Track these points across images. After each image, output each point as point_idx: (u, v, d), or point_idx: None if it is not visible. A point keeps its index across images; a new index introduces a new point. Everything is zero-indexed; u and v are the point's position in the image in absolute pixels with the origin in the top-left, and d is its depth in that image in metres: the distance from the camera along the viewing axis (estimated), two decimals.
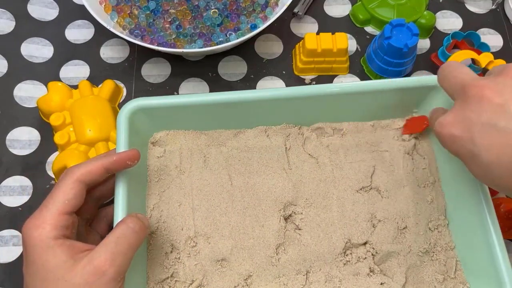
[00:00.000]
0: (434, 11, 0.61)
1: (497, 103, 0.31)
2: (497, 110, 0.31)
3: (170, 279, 0.43)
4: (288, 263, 0.43)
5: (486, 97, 0.32)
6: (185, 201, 0.45)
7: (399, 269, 0.43)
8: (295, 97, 0.45)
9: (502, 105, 0.31)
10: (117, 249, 0.34)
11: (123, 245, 0.34)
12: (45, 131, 0.54)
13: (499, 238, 0.40)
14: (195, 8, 0.57)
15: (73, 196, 0.36)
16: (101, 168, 0.37)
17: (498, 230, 0.40)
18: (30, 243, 0.34)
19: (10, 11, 0.60)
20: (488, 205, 0.40)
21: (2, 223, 0.50)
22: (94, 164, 0.37)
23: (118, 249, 0.34)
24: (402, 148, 0.48)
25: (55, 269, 0.33)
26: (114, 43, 0.59)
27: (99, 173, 0.37)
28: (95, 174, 0.37)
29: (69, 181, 0.36)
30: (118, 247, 0.34)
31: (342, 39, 0.54)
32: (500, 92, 0.32)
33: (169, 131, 0.47)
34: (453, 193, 0.45)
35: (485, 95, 0.32)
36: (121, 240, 0.34)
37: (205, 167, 0.46)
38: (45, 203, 0.35)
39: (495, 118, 0.31)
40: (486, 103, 0.32)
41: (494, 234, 0.40)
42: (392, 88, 0.46)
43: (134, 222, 0.36)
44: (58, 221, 0.34)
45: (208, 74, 0.57)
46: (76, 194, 0.36)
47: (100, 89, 0.54)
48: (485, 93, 0.32)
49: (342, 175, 0.46)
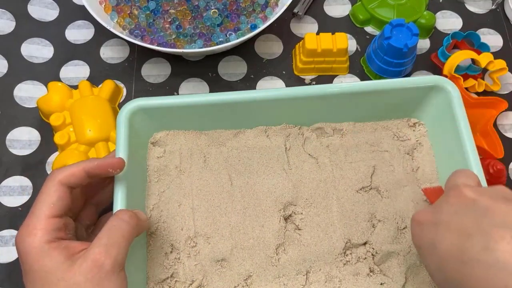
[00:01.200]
0: (434, 11, 0.61)
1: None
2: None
3: (170, 279, 0.43)
4: (288, 263, 0.43)
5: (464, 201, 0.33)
6: (185, 201, 0.45)
7: (399, 269, 0.43)
8: (295, 97, 0.45)
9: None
10: (110, 241, 0.34)
11: (115, 236, 0.34)
12: (45, 131, 0.54)
13: None
14: (195, 8, 0.57)
15: (57, 198, 0.36)
16: (82, 171, 0.37)
17: None
18: (24, 251, 0.34)
19: (10, 12, 0.60)
20: None
21: (2, 223, 0.50)
22: (76, 167, 0.37)
23: (111, 240, 0.34)
24: (402, 148, 0.48)
25: (54, 271, 0.33)
26: (114, 43, 0.59)
27: (81, 176, 0.37)
28: (77, 177, 0.37)
29: (51, 185, 0.36)
30: (110, 238, 0.34)
31: (342, 39, 0.54)
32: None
33: (169, 131, 0.47)
34: None
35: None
36: (113, 231, 0.35)
37: (205, 167, 0.46)
38: (32, 210, 0.35)
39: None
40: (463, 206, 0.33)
41: None
42: (392, 88, 0.46)
43: (124, 213, 0.36)
44: (48, 225, 0.34)
45: (208, 74, 0.57)
46: (60, 197, 0.36)
47: (100, 89, 0.54)
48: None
49: (342, 175, 0.46)
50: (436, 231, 0.33)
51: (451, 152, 0.44)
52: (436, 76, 0.46)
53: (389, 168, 0.47)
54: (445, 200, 0.34)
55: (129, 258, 0.36)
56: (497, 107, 0.52)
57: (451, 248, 0.31)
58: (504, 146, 0.51)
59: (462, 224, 0.31)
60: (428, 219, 0.35)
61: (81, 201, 0.41)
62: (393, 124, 0.49)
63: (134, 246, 0.38)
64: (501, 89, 0.56)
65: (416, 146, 0.48)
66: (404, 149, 0.48)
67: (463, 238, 0.31)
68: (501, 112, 0.53)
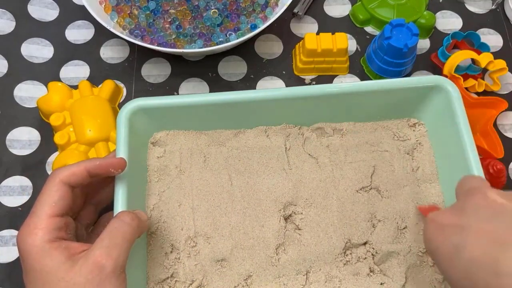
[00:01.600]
0: (434, 11, 0.61)
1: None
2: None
3: (170, 279, 0.43)
4: (288, 263, 0.43)
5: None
6: (185, 201, 0.45)
7: (399, 269, 0.43)
8: (295, 97, 0.45)
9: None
10: (111, 242, 0.34)
11: (116, 238, 0.35)
12: (45, 131, 0.54)
13: None
14: (195, 8, 0.57)
15: (58, 198, 0.36)
16: (83, 170, 0.37)
17: None
18: (25, 251, 0.34)
19: (10, 12, 0.60)
20: None
21: (2, 223, 0.50)
22: (77, 166, 0.37)
23: (112, 242, 0.34)
24: (402, 148, 0.48)
25: (54, 271, 0.33)
26: (114, 43, 0.59)
27: (82, 175, 0.37)
28: (78, 176, 0.37)
29: (52, 184, 0.36)
30: (112, 240, 0.34)
31: (342, 39, 0.54)
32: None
33: (169, 131, 0.47)
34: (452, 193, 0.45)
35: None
36: (114, 233, 0.35)
37: (205, 167, 0.46)
38: (33, 209, 0.36)
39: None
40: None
41: None
42: (392, 88, 0.46)
43: (125, 215, 0.36)
44: (49, 225, 0.34)
45: (208, 74, 0.57)
46: (62, 196, 0.36)
47: (100, 89, 0.54)
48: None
49: (342, 175, 0.46)
50: (463, 235, 0.31)
51: (451, 152, 0.44)
52: (436, 76, 0.46)
53: (389, 168, 0.47)
54: (470, 202, 0.32)
55: (129, 258, 0.36)
56: (497, 107, 0.52)
57: (483, 257, 0.29)
58: (504, 146, 0.51)
59: (495, 231, 0.30)
60: (453, 221, 0.33)
61: (81, 201, 0.41)
62: (393, 124, 0.49)
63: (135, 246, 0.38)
64: (501, 89, 0.56)
65: (416, 146, 0.48)
66: (404, 149, 0.48)
67: (497, 247, 0.29)
68: (501, 112, 0.53)
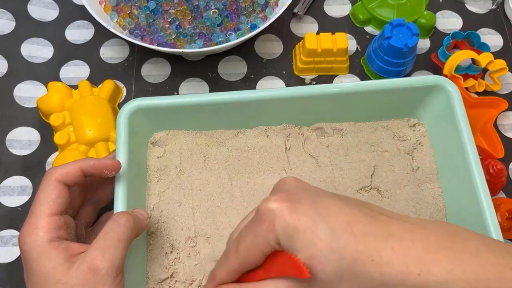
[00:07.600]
0: (434, 11, 0.61)
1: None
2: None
3: (170, 279, 0.43)
4: None
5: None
6: (185, 201, 0.45)
7: None
8: (295, 97, 0.45)
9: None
10: (106, 244, 0.34)
11: (111, 239, 0.35)
12: (45, 131, 0.54)
13: (499, 238, 0.40)
14: (195, 8, 0.57)
15: (56, 196, 0.36)
16: (78, 170, 0.37)
17: (498, 230, 0.40)
18: (26, 251, 0.34)
19: (10, 11, 0.60)
20: (488, 205, 0.40)
21: (2, 223, 0.50)
22: (71, 166, 0.37)
23: (107, 243, 0.34)
24: (402, 148, 0.48)
25: (52, 272, 0.33)
26: (114, 43, 0.59)
27: (76, 174, 0.37)
28: (72, 175, 0.37)
29: (48, 183, 0.36)
30: (106, 241, 0.34)
31: (342, 39, 0.54)
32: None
33: (169, 131, 0.47)
34: (452, 193, 0.45)
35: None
36: (109, 234, 0.35)
37: (205, 167, 0.46)
38: (32, 209, 0.36)
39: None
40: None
41: (494, 235, 0.40)
42: (392, 88, 0.46)
43: (121, 216, 0.36)
44: (49, 223, 0.35)
45: (208, 74, 0.57)
46: (59, 194, 0.36)
47: (100, 89, 0.54)
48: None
49: (342, 175, 0.46)
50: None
51: (451, 152, 0.44)
52: (436, 76, 0.46)
53: (389, 168, 0.47)
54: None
55: (129, 258, 0.36)
56: (497, 107, 0.52)
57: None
58: (504, 146, 0.51)
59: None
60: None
61: (80, 199, 0.41)
62: (393, 124, 0.49)
63: (134, 246, 0.38)
64: (501, 89, 0.56)
65: (416, 146, 0.48)
66: (404, 149, 0.48)
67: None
68: (501, 112, 0.53)
